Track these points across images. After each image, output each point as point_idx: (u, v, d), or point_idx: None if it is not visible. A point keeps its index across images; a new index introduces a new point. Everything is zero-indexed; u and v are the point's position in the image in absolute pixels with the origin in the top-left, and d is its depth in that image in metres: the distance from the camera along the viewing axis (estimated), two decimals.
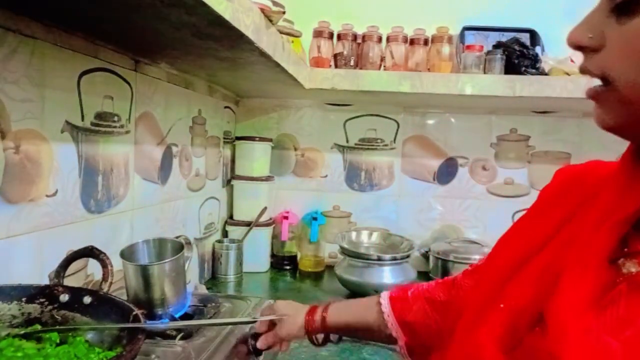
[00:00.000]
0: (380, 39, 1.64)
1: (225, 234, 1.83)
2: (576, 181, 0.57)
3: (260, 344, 0.86)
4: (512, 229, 0.61)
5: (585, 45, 0.44)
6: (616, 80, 0.42)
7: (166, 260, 0.87)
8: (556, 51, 1.57)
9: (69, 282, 0.84)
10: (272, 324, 0.88)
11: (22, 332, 0.66)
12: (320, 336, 0.87)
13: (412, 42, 1.63)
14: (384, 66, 1.64)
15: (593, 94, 0.45)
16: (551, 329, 0.43)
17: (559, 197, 0.57)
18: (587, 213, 0.50)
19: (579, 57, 0.46)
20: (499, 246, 0.61)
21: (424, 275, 1.65)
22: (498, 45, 1.59)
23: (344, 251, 1.59)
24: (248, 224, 1.77)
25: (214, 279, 1.70)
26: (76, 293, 0.70)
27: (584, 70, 0.45)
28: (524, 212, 0.62)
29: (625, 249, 0.45)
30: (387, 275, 1.51)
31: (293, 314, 0.86)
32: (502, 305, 0.49)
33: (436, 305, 0.76)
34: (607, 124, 0.44)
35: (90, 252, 0.79)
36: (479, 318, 0.51)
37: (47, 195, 0.86)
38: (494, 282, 0.54)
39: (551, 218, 0.55)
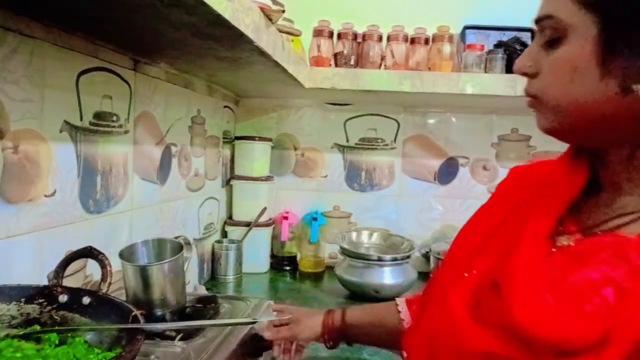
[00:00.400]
0: (380, 38, 1.64)
1: (224, 234, 1.82)
2: (526, 176, 0.71)
3: (270, 334, 0.87)
4: (475, 214, 0.74)
5: (527, 72, 0.57)
6: (542, 97, 0.56)
7: (165, 261, 0.86)
8: None
9: (67, 282, 0.84)
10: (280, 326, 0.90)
11: (21, 332, 0.65)
12: (332, 337, 0.91)
13: (413, 41, 1.63)
14: (385, 65, 1.64)
15: (531, 105, 0.59)
16: (503, 289, 0.54)
17: (512, 188, 0.71)
18: (534, 200, 0.62)
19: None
20: (465, 229, 0.72)
21: (424, 276, 1.64)
22: (499, 45, 1.59)
23: (344, 251, 1.59)
24: (248, 224, 1.76)
25: (213, 280, 1.69)
26: (75, 293, 0.70)
27: (526, 92, 0.59)
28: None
29: (561, 228, 0.58)
30: (388, 276, 1.51)
31: (308, 316, 0.90)
32: (466, 275, 0.61)
33: None
34: (545, 127, 0.58)
35: (89, 253, 0.79)
36: (449, 287, 0.62)
37: (45, 196, 0.86)
38: (461, 257, 0.66)
39: (506, 205, 0.68)
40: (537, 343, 0.48)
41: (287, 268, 1.85)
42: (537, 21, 0.56)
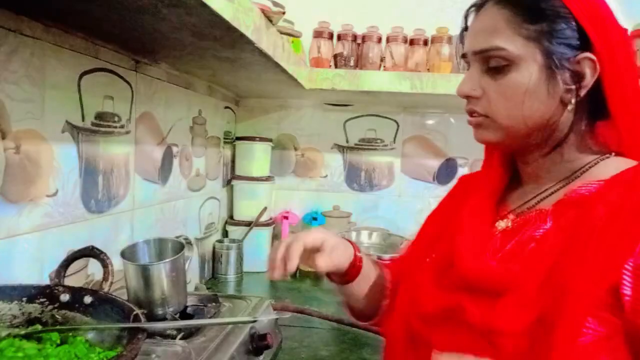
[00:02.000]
0: (380, 39, 1.65)
1: (225, 234, 1.83)
2: (468, 181, 0.82)
3: (324, 262, 0.74)
4: (432, 213, 0.85)
5: (471, 94, 0.67)
6: (496, 116, 0.65)
7: (166, 260, 0.87)
8: None
9: (69, 282, 0.84)
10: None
11: (23, 332, 0.66)
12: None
13: (412, 42, 1.63)
14: (384, 66, 1.64)
15: (478, 124, 0.68)
16: (455, 262, 0.66)
17: (458, 192, 0.82)
18: (473, 196, 0.74)
19: None
20: (425, 224, 0.84)
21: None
22: None
23: None
24: (248, 224, 1.77)
25: (214, 279, 1.70)
26: (77, 293, 0.70)
27: (470, 112, 0.68)
28: None
29: (498, 217, 0.70)
30: None
31: (338, 244, 0.79)
32: (427, 260, 0.73)
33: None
34: (488, 141, 0.69)
35: (90, 252, 0.79)
36: (416, 268, 0.73)
37: (47, 195, 0.86)
38: (424, 245, 0.78)
39: (454, 203, 0.79)
40: (477, 289, 0.61)
41: None
42: (482, 52, 0.65)
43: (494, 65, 0.64)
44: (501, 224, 0.69)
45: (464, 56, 0.69)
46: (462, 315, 0.61)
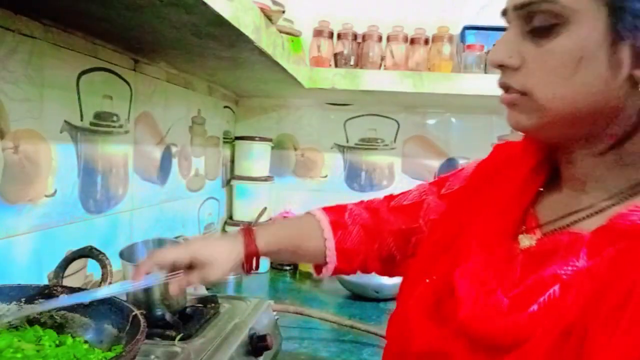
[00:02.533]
0: (380, 39, 1.64)
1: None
2: (509, 159, 0.64)
3: (177, 287, 0.71)
4: (450, 204, 0.71)
5: (507, 64, 0.51)
6: (536, 93, 0.50)
7: None
8: None
9: (68, 282, 0.84)
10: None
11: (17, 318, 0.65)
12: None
13: (413, 41, 1.63)
14: (384, 66, 1.64)
15: (512, 102, 0.53)
16: (455, 292, 0.54)
17: (491, 174, 0.66)
18: (494, 200, 0.60)
19: None
20: (440, 220, 0.70)
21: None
22: None
23: None
24: (248, 224, 1.76)
25: None
26: (75, 293, 0.70)
27: (504, 86, 0.53)
28: None
29: (523, 226, 0.57)
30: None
31: (212, 252, 0.72)
32: (427, 280, 0.60)
33: (368, 231, 0.82)
34: (523, 126, 0.53)
35: (89, 252, 0.79)
36: (410, 291, 0.61)
37: (46, 196, 0.86)
38: (425, 258, 0.65)
39: (479, 188, 0.65)
40: (476, 339, 0.50)
41: (287, 268, 1.85)
42: (523, 6, 0.49)
43: (538, 24, 0.48)
44: (525, 241, 0.55)
45: (504, 14, 0.53)
46: None
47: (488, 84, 1.50)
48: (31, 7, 0.76)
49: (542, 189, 0.59)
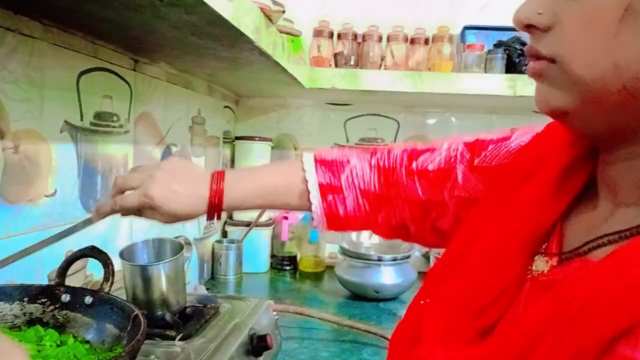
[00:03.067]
0: (380, 39, 1.64)
1: (224, 234, 1.82)
2: (553, 150, 0.49)
3: (108, 205, 0.67)
4: (479, 192, 0.59)
5: (535, 23, 0.40)
6: (569, 61, 0.38)
7: (165, 261, 0.86)
8: None
9: (68, 282, 0.83)
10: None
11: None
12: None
13: (413, 41, 1.63)
14: (385, 65, 1.64)
15: (539, 72, 0.41)
16: (424, 338, 0.43)
17: (530, 165, 0.51)
18: (515, 211, 0.47)
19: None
20: (465, 219, 0.55)
21: (424, 276, 1.64)
22: (499, 45, 1.59)
23: (344, 251, 1.59)
24: (248, 224, 1.76)
25: (213, 280, 1.69)
26: (77, 293, 0.70)
27: (532, 53, 0.42)
28: None
29: (546, 244, 0.45)
30: (388, 276, 1.51)
31: (175, 203, 0.67)
32: (422, 302, 0.50)
33: (370, 198, 0.69)
34: (553, 107, 0.41)
35: (91, 252, 0.79)
36: (407, 311, 0.52)
37: (46, 196, 0.86)
38: (437, 271, 0.53)
39: (508, 193, 0.51)
40: None
41: (287, 268, 1.85)
42: None
43: None
44: (539, 264, 0.44)
45: None
46: None
47: (488, 84, 1.50)
48: (31, 7, 0.76)
49: (579, 198, 0.46)
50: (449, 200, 0.64)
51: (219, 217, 0.70)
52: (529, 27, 0.41)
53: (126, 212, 0.70)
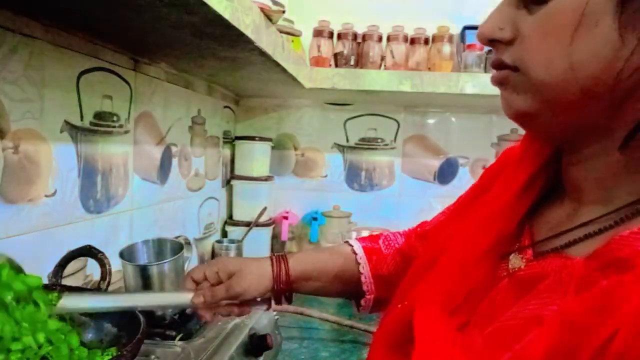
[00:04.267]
0: (380, 38, 1.64)
1: (224, 234, 1.82)
2: (511, 165, 0.54)
3: (202, 299, 0.66)
4: (448, 216, 0.65)
5: (499, 37, 0.44)
6: (530, 66, 0.42)
7: (165, 261, 0.86)
8: None
9: (68, 282, 0.84)
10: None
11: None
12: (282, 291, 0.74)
13: (413, 41, 1.63)
14: (385, 65, 1.64)
15: (502, 80, 0.45)
16: (415, 330, 0.44)
17: (491, 180, 0.57)
18: (483, 211, 0.51)
19: None
20: (431, 234, 0.64)
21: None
22: None
23: None
24: (248, 224, 1.76)
25: None
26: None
27: (496, 63, 0.45)
28: None
29: (518, 244, 0.48)
30: None
31: (245, 266, 0.71)
32: (399, 306, 0.51)
33: (405, 257, 0.75)
34: (517, 109, 0.44)
35: (88, 252, 0.79)
36: (384, 317, 0.54)
37: (46, 196, 0.86)
38: (407, 279, 0.56)
39: (473, 206, 0.56)
40: None
41: None
42: None
43: None
44: (514, 262, 0.47)
45: None
46: None
47: (488, 84, 1.50)
48: (31, 7, 0.76)
49: (542, 199, 0.50)
50: None
51: (288, 298, 0.74)
52: (492, 42, 0.45)
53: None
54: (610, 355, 0.32)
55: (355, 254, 0.76)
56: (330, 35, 1.66)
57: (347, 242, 0.79)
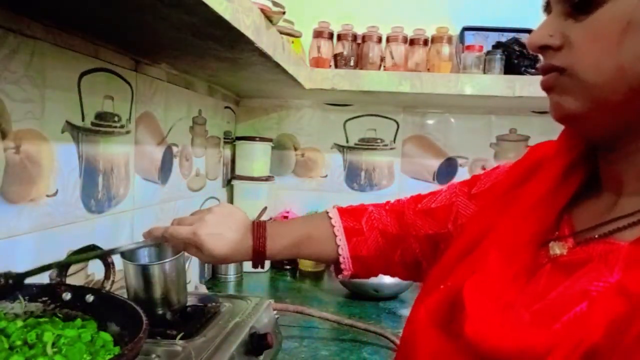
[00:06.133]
0: (380, 39, 1.65)
1: None
2: (543, 160, 0.58)
3: (161, 231, 0.76)
4: (479, 205, 0.68)
5: (548, 44, 0.47)
6: (579, 68, 0.45)
7: (166, 260, 0.87)
8: None
9: (69, 281, 0.84)
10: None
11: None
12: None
13: (412, 42, 1.64)
14: (384, 66, 1.64)
15: (551, 84, 0.48)
16: (466, 305, 0.47)
17: (524, 174, 0.60)
18: (524, 200, 0.54)
19: None
20: (467, 223, 0.66)
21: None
22: (498, 45, 1.59)
23: None
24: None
25: (214, 279, 1.70)
26: (78, 292, 0.70)
27: (546, 68, 0.48)
28: None
29: (557, 232, 0.51)
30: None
31: (219, 221, 0.75)
32: (442, 287, 0.54)
33: (388, 238, 0.79)
34: (568, 111, 0.47)
35: (91, 251, 0.79)
36: (425, 296, 0.56)
37: (47, 195, 0.86)
38: (446, 263, 0.59)
39: (499, 204, 0.59)
40: (479, 354, 0.44)
41: (288, 267, 1.86)
42: None
43: (577, 1, 0.45)
44: (555, 249, 0.50)
45: (545, 7, 0.50)
46: None
47: (487, 85, 1.51)
48: (32, 7, 0.77)
49: (578, 193, 0.53)
50: (454, 229, 0.73)
51: (262, 266, 0.78)
52: (542, 49, 0.48)
53: (173, 242, 0.78)
54: None
55: (335, 235, 0.79)
56: (330, 36, 1.67)
57: (327, 214, 0.81)
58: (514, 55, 1.54)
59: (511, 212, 0.55)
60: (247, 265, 1.75)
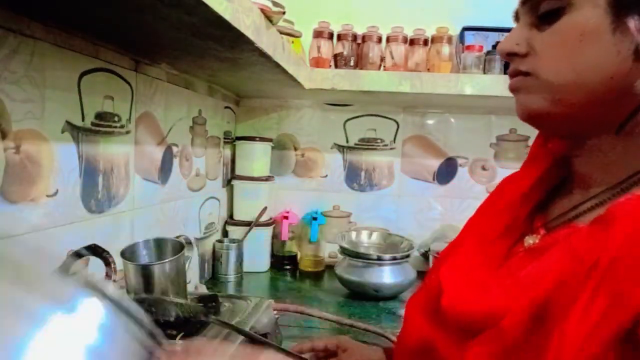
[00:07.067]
0: (380, 39, 1.65)
1: (225, 233, 1.83)
2: (510, 181, 0.66)
3: None
4: (475, 213, 0.72)
5: (515, 52, 0.53)
6: (542, 72, 0.51)
7: (166, 260, 0.87)
8: None
9: None
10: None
11: None
12: None
13: (412, 42, 1.63)
14: (384, 66, 1.64)
15: (518, 86, 0.54)
16: (442, 283, 0.55)
17: (497, 196, 0.67)
18: (501, 202, 0.62)
19: None
20: (466, 225, 0.71)
21: (423, 275, 1.64)
22: (497, 46, 1.59)
23: (344, 251, 1.59)
24: (248, 224, 1.77)
25: (214, 279, 1.70)
26: None
27: (514, 72, 0.55)
28: None
29: (531, 228, 0.57)
30: (387, 275, 1.52)
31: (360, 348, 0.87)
32: (426, 280, 0.63)
33: None
34: (533, 110, 0.53)
35: (93, 250, 0.80)
36: (417, 291, 0.65)
37: (47, 196, 0.86)
38: (435, 264, 0.66)
39: (490, 202, 0.67)
40: (455, 325, 0.51)
41: (288, 267, 1.86)
42: None
43: (544, 10, 0.51)
44: (529, 240, 0.56)
45: (515, 17, 0.57)
46: (434, 356, 0.53)
47: (487, 85, 1.51)
48: (32, 8, 0.77)
49: (554, 195, 0.59)
50: None
51: None
52: (509, 56, 0.55)
53: None
54: (598, 274, 0.40)
55: None
56: (330, 36, 1.67)
57: None
58: None
59: (488, 212, 0.62)
60: (247, 265, 1.75)
